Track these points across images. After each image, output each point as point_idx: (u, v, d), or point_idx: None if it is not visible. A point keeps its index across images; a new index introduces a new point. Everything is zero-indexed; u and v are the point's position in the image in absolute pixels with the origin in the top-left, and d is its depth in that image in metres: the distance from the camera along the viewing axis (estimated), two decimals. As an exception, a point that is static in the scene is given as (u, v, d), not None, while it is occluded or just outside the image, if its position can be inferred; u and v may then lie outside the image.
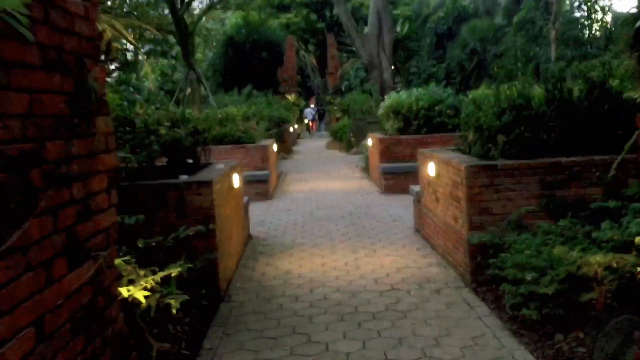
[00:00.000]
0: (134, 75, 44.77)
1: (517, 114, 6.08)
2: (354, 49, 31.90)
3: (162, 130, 6.04)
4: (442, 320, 4.96)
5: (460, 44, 39.57)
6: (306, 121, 42.03)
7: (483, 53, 38.74)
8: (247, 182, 12.63)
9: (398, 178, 12.78)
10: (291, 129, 27.52)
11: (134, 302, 4.14)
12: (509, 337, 4.50)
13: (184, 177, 6.06)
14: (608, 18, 24.73)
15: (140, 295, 3.88)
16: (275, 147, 15.06)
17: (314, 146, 29.33)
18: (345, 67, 33.72)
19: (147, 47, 47.82)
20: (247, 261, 7.44)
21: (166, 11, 24.23)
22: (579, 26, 25.38)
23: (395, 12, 41.22)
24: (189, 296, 5.12)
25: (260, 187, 12.83)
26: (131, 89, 33.00)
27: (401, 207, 10.93)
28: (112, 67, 43.35)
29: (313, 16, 51.45)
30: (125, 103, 6.37)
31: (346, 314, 5.22)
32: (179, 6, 20.76)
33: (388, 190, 12.75)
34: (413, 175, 12.73)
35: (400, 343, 4.50)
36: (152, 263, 4.77)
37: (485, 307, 5.22)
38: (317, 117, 43.07)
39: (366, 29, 31.80)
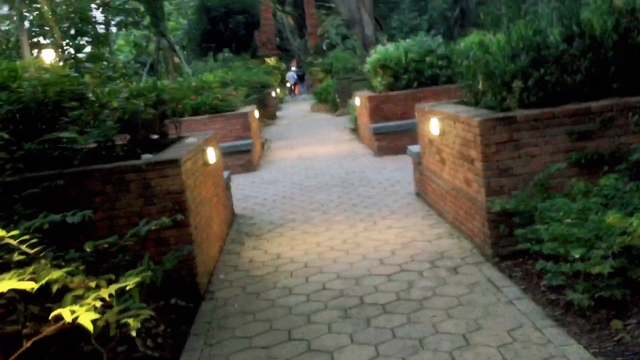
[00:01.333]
0: (107, 49, 43.20)
1: (535, 55, 5.14)
2: (333, 5, 30.50)
3: (115, 103, 5.05)
4: (467, 309, 4.11)
5: (441, -7, 38.23)
6: (289, 85, 40.82)
7: (466, 1, 37.50)
8: (228, 153, 11.69)
9: (391, 138, 11.88)
10: (273, 94, 26.39)
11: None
12: (554, 327, 3.66)
13: (147, 157, 5.12)
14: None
15: (86, 319, 2.99)
16: (257, 114, 14.06)
17: (298, 110, 28.27)
18: (325, 25, 32.34)
19: (117, 19, 46.10)
20: (232, 246, 6.55)
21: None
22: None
23: (373, -36, 39.59)
24: (163, 299, 4.25)
25: (243, 158, 11.89)
26: (104, 64, 31.69)
27: (398, 169, 10.05)
28: (83, 41, 41.62)
29: (288, -26, 49.62)
30: (76, 73, 5.36)
31: (351, 309, 4.36)
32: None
33: (381, 151, 11.85)
34: (407, 133, 11.83)
35: (422, 345, 3.66)
36: (109, 269, 3.88)
37: (515, 287, 4.37)
38: (298, 79, 41.83)
39: (344, -17, 30.37)
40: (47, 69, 5.63)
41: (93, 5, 41.80)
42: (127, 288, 3.22)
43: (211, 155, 6.16)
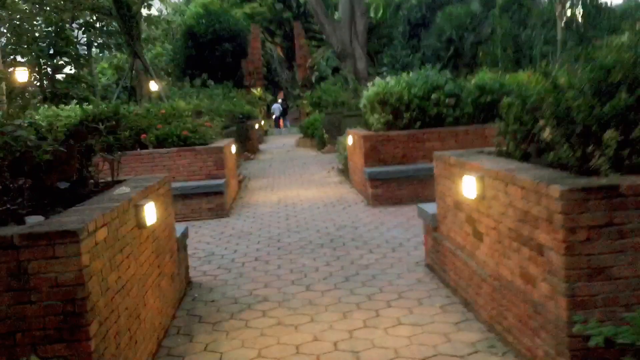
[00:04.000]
0: (87, 71, 41.39)
1: (641, 92, 3.40)
2: (324, 37, 29.15)
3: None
4: None
5: (435, 32, 37.27)
6: (274, 117, 39.25)
7: (460, 41, 36.47)
8: (196, 195, 9.85)
9: (389, 185, 10.10)
10: (257, 126, 24.67)
11: None
12: None
13: (33, 221, 3.25)
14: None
15: None
16: (234, 149, 12.24)
17: (282, 144, 26.57)
18: (315, 56, 30.94)
19: (100, 41, 44.49)
20: (176, 340, 4.62)
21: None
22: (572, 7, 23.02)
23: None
24: None
25: (214, 201, 10.00)
26: (84, 86, 29.95)
27: (399, 226, 8.25)
28: (62, 61, 39.71)
29: (279, 6, 48.64)
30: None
31: None
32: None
33: (377, 200, 10.06)
34: (408, 181, 10.07)
35: None
36: None
37: None
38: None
39: (337, 15, 29.10)
40: None
41: (75, 25, 40.21)
42: None
43: (150, 212, 4.29)
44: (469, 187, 4.44)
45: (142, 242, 4.19)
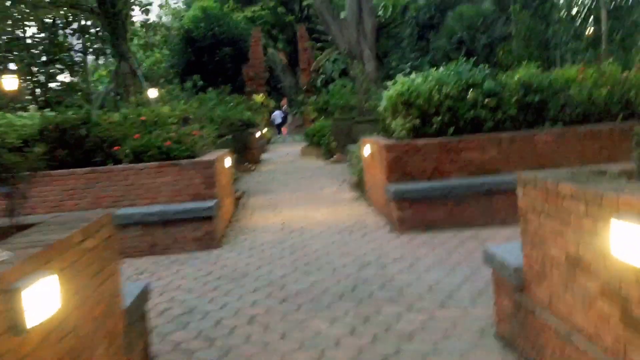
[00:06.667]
0: (81, 79, 39.56)
1: None
2: (329, 38, 27.24)
3: None
4: None
5: (445, 33, 35.37)
6: (275, 125, 37.37)
7: (472, 42, 34.58)
8: (179, 220, 7.93)
9: (419, 206, 8.13)
10: (258, 134, 22.74)
11: None
12: None
13: None
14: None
15: None
16: (228, 162, 10.27)
17: (286, 153, 24.62)
18: (320, 58, 29.03)
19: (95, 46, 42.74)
20: None
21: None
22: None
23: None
24: None
25: (202, 228, 8.03)
26: (79, 94, 27.81)
27: (438, 262, 6.28)
28: (56, 68, 37.75)
29: (281, 9, 46.89)
30: None
31: None
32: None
33: (404, 225, 8.08)
34: (441, 201, 8.10)
35: None
36: None
37: None
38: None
39: (343, 14, 27.15)
40: None
41: (68, 31, 38.44)
42: None
43: (45, 298, 2.32)
44: (623, 242, 2.46)
45: (21, 359, 2.22)
